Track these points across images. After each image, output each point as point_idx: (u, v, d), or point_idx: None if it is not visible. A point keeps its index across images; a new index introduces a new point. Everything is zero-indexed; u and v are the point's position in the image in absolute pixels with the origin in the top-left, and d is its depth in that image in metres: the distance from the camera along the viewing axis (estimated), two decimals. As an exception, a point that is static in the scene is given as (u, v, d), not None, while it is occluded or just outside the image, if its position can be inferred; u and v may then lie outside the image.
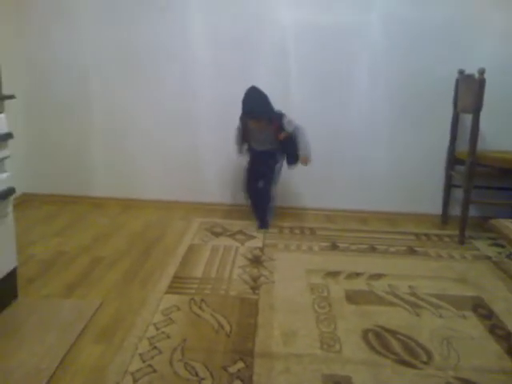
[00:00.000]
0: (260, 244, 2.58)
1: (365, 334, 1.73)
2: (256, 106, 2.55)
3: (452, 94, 2.84)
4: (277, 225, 2.87)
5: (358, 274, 2.22)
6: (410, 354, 1.62)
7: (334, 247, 2.57)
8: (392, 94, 2.96)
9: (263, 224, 2.81)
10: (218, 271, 2.22)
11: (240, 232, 2.75)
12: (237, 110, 2.61)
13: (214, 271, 2.22)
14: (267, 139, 2.67)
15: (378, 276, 2.21)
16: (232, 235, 2.70)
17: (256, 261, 2.35)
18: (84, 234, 2.66)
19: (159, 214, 3.06)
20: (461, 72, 2.77)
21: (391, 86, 2.94)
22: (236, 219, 2.94)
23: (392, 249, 2.57)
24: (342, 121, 3.02)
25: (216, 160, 3.08)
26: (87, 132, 3.16)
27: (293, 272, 2.23)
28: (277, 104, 2.64)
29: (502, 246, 2.61)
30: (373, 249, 2.56)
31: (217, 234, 2.70)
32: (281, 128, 2.61)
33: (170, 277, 2.14)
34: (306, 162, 2.63)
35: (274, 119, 2.60)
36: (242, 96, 2.54)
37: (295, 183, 3.11)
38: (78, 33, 3.01)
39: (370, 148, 3.05)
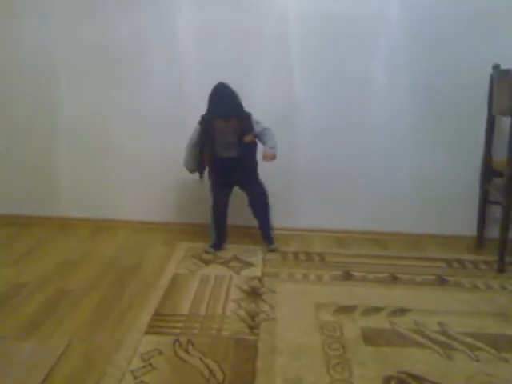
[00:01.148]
0: (258, 273, 2.56)
1: (386, 381, 1.70)
2: (231, 106, 2.55)
3: (487, 93, 2.86)
4: (279, 250, 2.86)
5: (377, 309, 2.20)
6: (442, 406, 1.60)
7: (347, 276, 2.55)
8: (415, 95, 2.96)
9: (271, 240, 2.85)
10: (208, 306, 2.20)
11: (235, 258, 2.73)
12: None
13: (204, 307, 2.20)
14: (234, 143, 2.66)
15: (402, 311, 2.19)
16: (225, 262, 2.68)
17: (254, 293, 2.34)
18: (47, 261, 2.64)
19: (137, 237, 3.06)
20: (495, 67, 2.78)
21: (414, 85, 2.95)
22: (230, 243, 2.92)
23: (418, 278, 2.55)
24: (354, 127, 3.03)
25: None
26: (53, 144, 3.18)
27: (298, 307, 2.21)
28: (279, 108, 2.65)
29: (550, 274, 2.61)
30: (394, 278, 2.55)
31: (206, 262, 2.69)
32: (248, 129, 2.64)
33: (150, 314, 2.11)
34: (269, 157, 2.63)
35: (244, 119, 2.62)
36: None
37: (301, 200, 3.11)
38: (42, 28, 3.02)
39: (389, 158, 3.05)
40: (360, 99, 2.99)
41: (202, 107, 2.59)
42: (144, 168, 3.17)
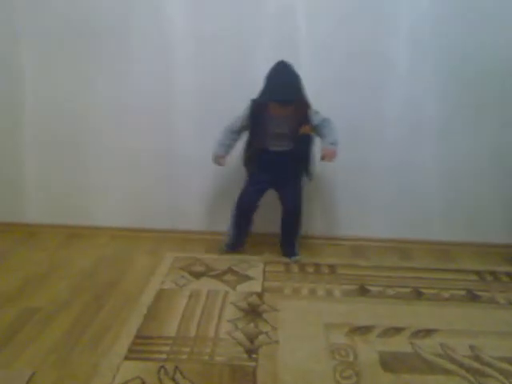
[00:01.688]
0: (258, 288, 2.56)
1: (408, 415, 1.71)
2: (291, 90, 2.56)
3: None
4: (282, 261, 2.86)
5: (397, 330, 2.20)
6: None
7: (363, 292, 2.56)
8: (444, 80, 2.95)
9: (294, 252, 2.90)
10: (198, 327, 2.19)
11: (230, 271, 2.73)
12: (230, 106, 2.65)
13: (194, 328, 2.19)
14: (286, 134, 2.67)
15: (426, 332, 2.19)
16: (219, 276, 2.68)
17: (252, 312, 2.33)
18: (10, 275, 2.63)
19: (117, 246, 3.06)
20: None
21: (443, 68, 2.93)
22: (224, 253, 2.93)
23: (445, 294, 2.55)
24: (373, 119, 3.02)
25: (198, 174, 3.07)
26: (16, 139, 3.16)
27: (305, 327, 2.21)
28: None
29: None
30: (418, 294, 2.55)
31: (197, 275, 2.69)
32: (305, 119, 2.65)
33: (131, 336, 2.11)
34: (330, 156, 2.59)
35: (304, 106, 2.64)
36: (235, 85, 2.54)
37: (311, 203, 3.11)
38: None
39: (412, 155, 3.05)
40: (380, 85, 2.98)
41: (193, 99, 2.56)
42: (126, 167, 3.16)
